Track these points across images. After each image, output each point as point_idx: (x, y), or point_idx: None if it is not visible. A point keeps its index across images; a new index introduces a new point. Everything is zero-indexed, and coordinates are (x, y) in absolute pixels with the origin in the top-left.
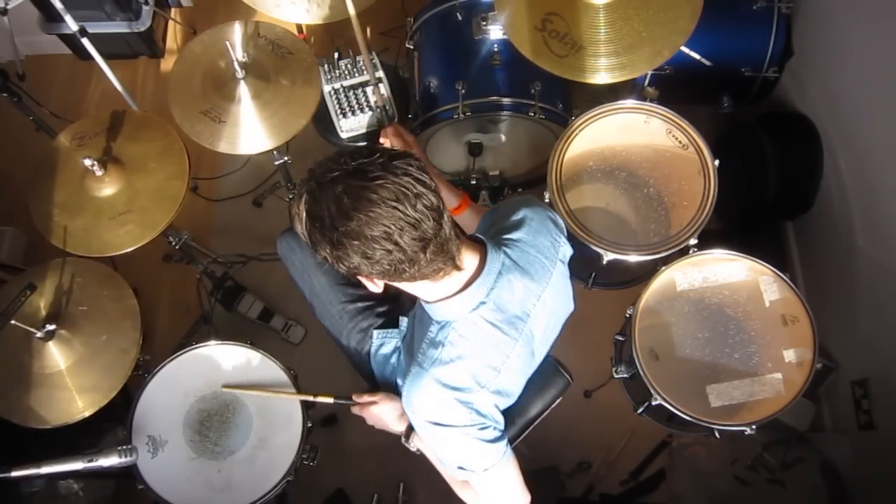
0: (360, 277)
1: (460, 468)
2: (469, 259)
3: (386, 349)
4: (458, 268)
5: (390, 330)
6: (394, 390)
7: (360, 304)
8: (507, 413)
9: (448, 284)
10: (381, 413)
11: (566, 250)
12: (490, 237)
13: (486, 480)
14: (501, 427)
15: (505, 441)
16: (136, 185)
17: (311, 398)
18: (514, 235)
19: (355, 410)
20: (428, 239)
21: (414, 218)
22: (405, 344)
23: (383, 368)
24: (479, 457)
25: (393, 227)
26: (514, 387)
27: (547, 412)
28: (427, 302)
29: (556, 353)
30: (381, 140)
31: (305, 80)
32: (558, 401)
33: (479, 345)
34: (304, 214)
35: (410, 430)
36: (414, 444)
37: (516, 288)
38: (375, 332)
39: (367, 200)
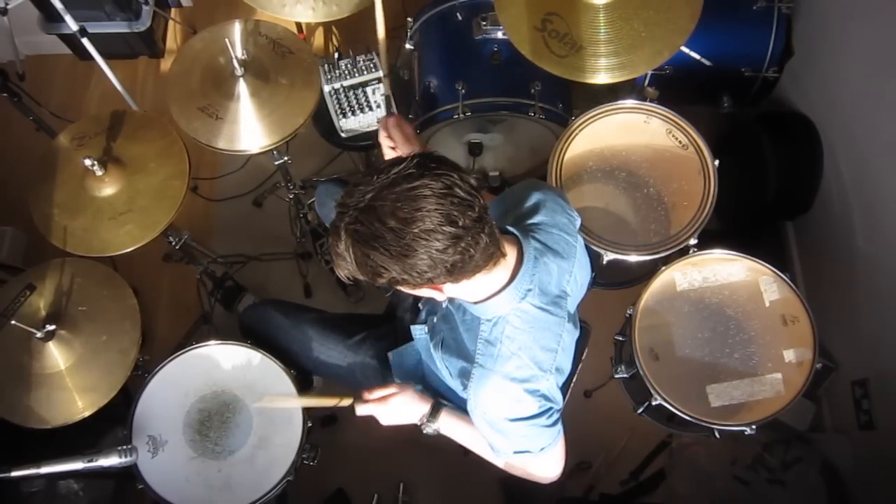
0: (427, 288)
1: (517, 453)
2: (507, 247)
3: (408, 363)
4: (503, 254)
5: (405, 346)
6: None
7: (356, 338)
8: None
9: (497, 276)
10: (403, 402)
11: (578, 222)
12: (512, 225)
13: (539, 457)
14: (560, 406)
15: (561, 419)
16: (136, 185)
17: (336, 403)
18: (535, 220)
19: (370, 409)
20: (484, 220)
21: (468, 199)
22: (445, 347)
23: (411, 377)
24: (541, 440)
25: (456, 212)
26: (568, 362)
27: (580, 367)
28: (475, 303)
29: None
30: (381, 132)
31: (305, 80)
32: (585, 352)
33: (535, 332)
34: (353, 245)
35: (435, 409)
36: (433, 427)
37: (552, 269)
38: (391, 355)
39: (423, 198)
